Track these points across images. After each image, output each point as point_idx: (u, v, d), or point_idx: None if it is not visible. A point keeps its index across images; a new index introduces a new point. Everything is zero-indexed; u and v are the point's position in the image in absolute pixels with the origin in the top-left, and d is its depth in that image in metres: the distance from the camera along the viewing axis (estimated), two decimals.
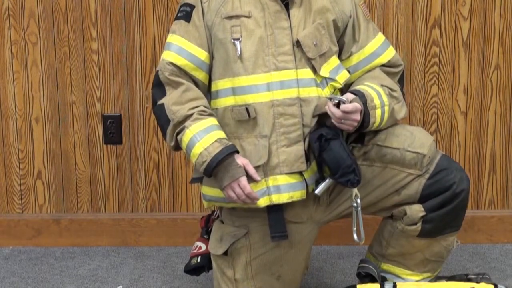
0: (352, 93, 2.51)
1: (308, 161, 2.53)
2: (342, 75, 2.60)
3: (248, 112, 2.51)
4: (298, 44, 2.53)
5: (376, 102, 2.51)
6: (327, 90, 2.57)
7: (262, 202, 2.51)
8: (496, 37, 3.25)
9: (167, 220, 3.37)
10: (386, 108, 2.54)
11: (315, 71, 2.55)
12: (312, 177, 2.54)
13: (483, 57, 3.26)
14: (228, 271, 2.65)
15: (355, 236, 2.56)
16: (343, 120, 2.45)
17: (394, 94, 2.61)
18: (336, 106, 2.45)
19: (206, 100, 2.57)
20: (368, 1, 3.21)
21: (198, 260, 2.75)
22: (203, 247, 2.75)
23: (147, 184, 3.35)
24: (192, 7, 2.58)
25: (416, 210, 2.58)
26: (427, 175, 2.57)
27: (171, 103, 2.53)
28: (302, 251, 2.66)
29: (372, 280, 2.64)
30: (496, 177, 3.35)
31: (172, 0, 3.22)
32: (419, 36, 3.25)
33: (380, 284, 2.55)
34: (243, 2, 2.54)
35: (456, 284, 2.58)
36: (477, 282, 2.60)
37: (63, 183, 3.36)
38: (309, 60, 2.54)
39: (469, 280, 2.69)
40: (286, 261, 2.64)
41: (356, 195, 2.53)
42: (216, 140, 2.48)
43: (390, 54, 2.68)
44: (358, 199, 2.53)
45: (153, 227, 3.37)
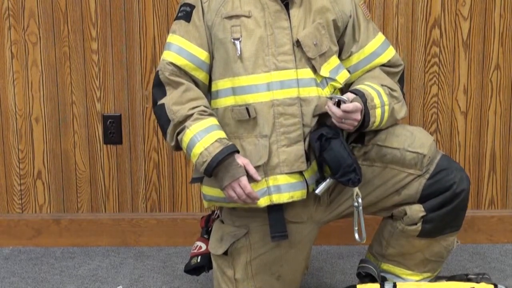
0: (352, 92, 2.51)
1: (308, 160, 2.53)
2: (342, 75, 2.60)
3: (248, 112, 2.51)
4: (298, 44, 2.53)
5: (376, 101, 2.51)
6: (327, 90, 2.57)
7: (262, 202, 2.51)
8: (496, 37, 3.25)
9: (167, 220, 3.36)
10: (386, 107, 2.54)
11: (315, 71, 2.55)
12: (313, 177, 2.54)
13: (483, 57, 3.26)
14: (228, 271, 2.65)
15: (356, 236, 2.56)
16: (343, 120, 2.45)
17: (394, 93, 2.61)
18: (337, 105, 2.45)
19: (207, 100, 2.57)
20: (368, 1, 3.21)
21: (198, 260, 2.75)
22: (203, 247, 2.75)
23: (147, 184, 3.35)
24: (192, 7, 2.58)
25: (416, 210, 2.58)
26: (427, 175, 2.57)
27: (172, 103, 2.53)
28: (302, 251, 2.66)
29: (372, 280, 2.64)
30: (496, 177, 3.35)
31: (172, 0, 3.22)
32: (419, 36, 3.25)
33: (380, 284, 2.54)
34: (243, 2, 2.54)
35: (456, 284, 2.57)
36: (477, 282, 2.60)
37: (63, 183, 3.36)
38: (309, 60, 2.54)
39: (469, 280, 2.68)
40: (286, 261, 2.64)
41: (357, 194, 2.52)
42: (216, 140, 2.47)
43: (390, 54, 2.68)
44: (359, 199, 2.53)
45: (153, 227, 3.36)
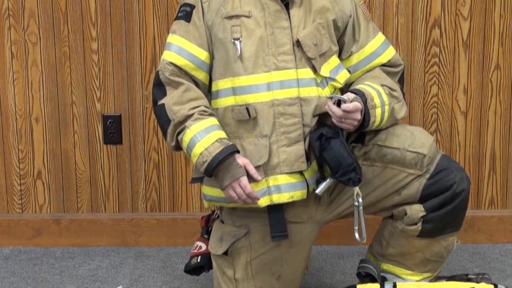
0: (352, 92, 2.50)
1: (308, 160, 2.53)
2: (342, 75, 2.60)
3: (248, 112, 2.51)
4: (298, 43, 2.53)
5: (376, 101, 2.51)
6: (327, 90, 2.57)
7: (262, 202, 2.51)
8: (496, 37, 3.25)
9: (167, 220, 3.36)
10: (386, 107, 2.54)
11: (315, 70, 2.55)
12: (313, 176, 2.54)
13: (483, 57, 3.26)
14: (228, 271, 2.65)
15: (356, 235, 2.56)
16: (343, 119, 2.45)
17: (394, 93, 2.61)
18: (337, 105, 2.45)
19: (207, 100, 2.57)
20: (368, 1, 3.21)
21: (198, 260, 2.75)
22: (203, 247, 2.75)
23: (147, 184, 3.35)
24: (192, 7, 2.58)
25: (417, 210, 2.58)
26: (427, 175, 2.57)
27: (172, 103, 2.53)
28: (302, 251, 2.66)
29: (372, 280, 2.64)
30: (496, 177, 3.35)
31: (172, 0, 3.22)
32: (419, 36, 3.25)
33: (380, 284, 2.54)
34: (243, 2, 2.54)
35: (456, 284, 2.57)
36: (477, 282, 2.60)
37: (63, 183, 3.36)
38: (309, 59, 2.54)
39: (469, 280, 2.68)
40: (286, 261, 2.64)
41: (358, 194, 2.52)
42: (216, 140, 2.47)
43: (390, 53, 2.68)
44: (359, 198, 2.53)
45: (153, 227, 3.36)
